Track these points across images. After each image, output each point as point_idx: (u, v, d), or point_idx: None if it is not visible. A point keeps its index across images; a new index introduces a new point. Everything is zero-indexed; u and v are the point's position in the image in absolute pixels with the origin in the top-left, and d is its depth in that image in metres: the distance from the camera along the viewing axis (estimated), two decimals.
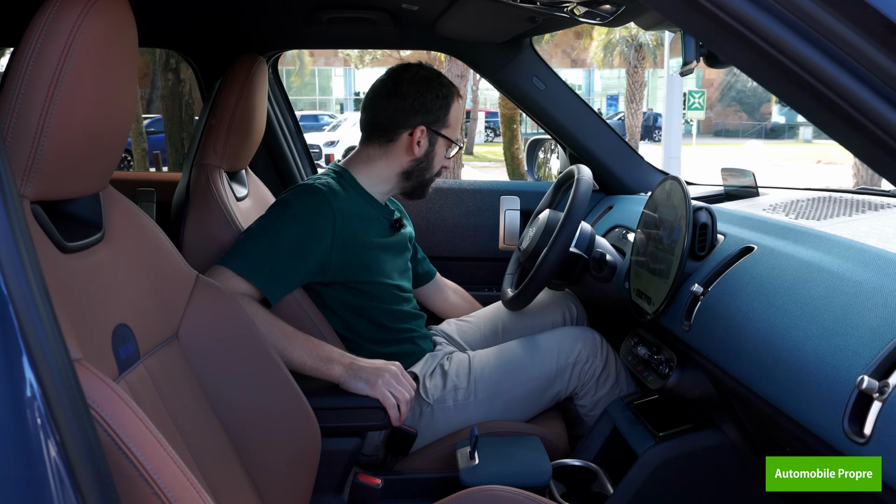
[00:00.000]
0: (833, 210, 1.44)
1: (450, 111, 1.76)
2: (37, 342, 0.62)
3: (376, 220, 1.73)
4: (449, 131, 1.76)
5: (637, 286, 1.58)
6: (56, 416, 0.62)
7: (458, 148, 1.82)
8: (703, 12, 0.73)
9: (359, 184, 1.73)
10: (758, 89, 28.71)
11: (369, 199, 1.74)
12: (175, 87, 8.04)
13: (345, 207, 1.62)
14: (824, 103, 0.71)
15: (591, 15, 1.44)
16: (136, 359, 1.03)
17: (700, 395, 1.40)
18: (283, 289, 1.56)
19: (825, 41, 0.69)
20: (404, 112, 1.72)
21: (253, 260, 1.52)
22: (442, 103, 1.74)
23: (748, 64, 0.79)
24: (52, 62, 0.86)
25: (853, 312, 0.95)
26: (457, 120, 1.79)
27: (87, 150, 0.94)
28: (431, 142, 1.74)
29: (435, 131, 1.74)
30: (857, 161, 13.77)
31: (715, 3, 0.73)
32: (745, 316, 1.16)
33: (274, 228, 1.57)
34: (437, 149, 1.76)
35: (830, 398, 0.90)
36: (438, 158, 1.77)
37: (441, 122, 1.75)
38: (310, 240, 1.56)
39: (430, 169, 1.77)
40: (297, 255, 1.56)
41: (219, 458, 1.17)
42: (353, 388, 1.46)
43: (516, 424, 1.70)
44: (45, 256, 0.88)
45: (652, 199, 1.59)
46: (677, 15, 0.82)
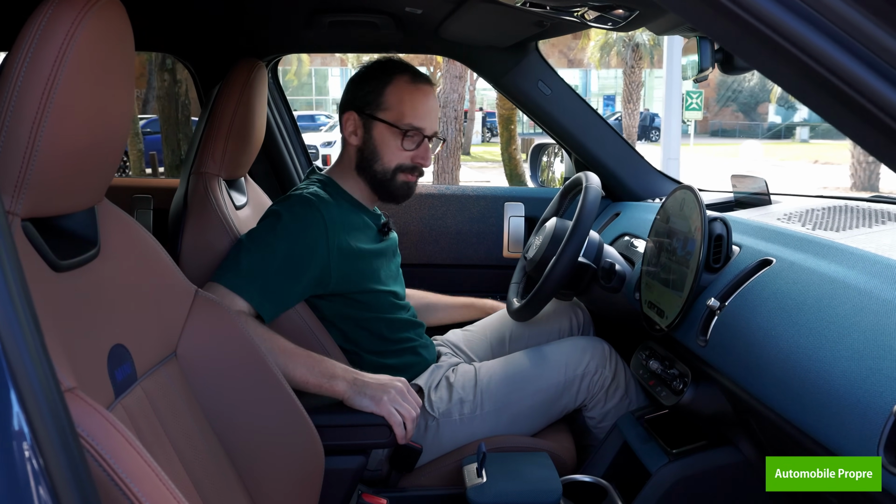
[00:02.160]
0: (851, 221, 1.40)
1: (384, 92, 1.62)
2: (23, 373, 0.58)
3: (365, 227, 1.68)
4: (389, 115, 1.62)
5: (648, 298, 1.54)
6: (44, 451, 0.58)
7: (425, 138, 1.65)
8: (726, 15, 0.70)
9: (344, 190, 1.68)
10: (754, 89, 28.79)
11: (356, 205, 1.68)
12: (171, 87, 8.02)
13: (335, 216, 1.57)
14: (846, 102, 0.69)
15: (603, 20, 1.40)
16: (133, 380, 0.99)
17: (715, 411, 1.36)
18: (278, 304, 1.50)
19: (855, 42, 0.67)
20: (342, 105, 1.67)
21: (245, 275, 1.47)
22: (374, 85, 1.63)
23: (772, 67, 0.75)
24: (44, 71, 0.81)
25: (884, 333, 0.91)
26: (402, 103, 1.62)
27: (81, 164, 0.89)
28: (367, 127, 1.63)
29: (369, 115, 1.63)
30: (853, 161, 13.82)
31: (739, 4, 0.69)
32: (766, 333, 1.12)
33: (266, 242, 1.51)
34: (379, 136, 1.63)
35: (864, 424, 0.85)
36: (388, 148, 1.63)
37: (374, 104, 1.62)
38: (304, 253, 1.51)
39: (377, 160, 1.64)
40: (291, 271, 1.50)
41: (219, 479, 1.13)
42: (357, 405, 1.41)
43: (524, 439, 1.66)
44: (38, 277, 0.84)
45: (664, 209, 1.55)
46: (698, 18, 0.78)
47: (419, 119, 1.63)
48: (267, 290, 1.48)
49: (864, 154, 12.53)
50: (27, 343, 0.59)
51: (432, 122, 1.66)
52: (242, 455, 1.19)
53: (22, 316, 0.59)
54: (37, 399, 0.58)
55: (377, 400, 1.40)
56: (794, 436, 1.01)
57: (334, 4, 2.01)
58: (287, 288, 1.50)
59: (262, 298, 1.47)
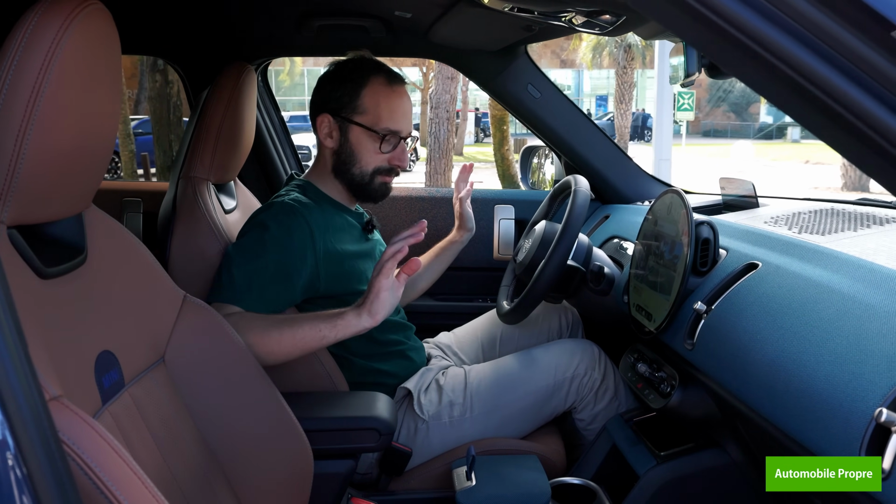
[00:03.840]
0: (837, 224, 1.41)
1: (360, 95, 1.60)
2: (6, 381, 0.58)
3: (349, 227, 1.67)
4: (366, 118, 1.60)
5: (636, 301, 1.55)
6: (28, 460, 0.58)
7: (401, 139, 1.63)
8: (703, 22, 0.71)
9: (323, 192, 1.67)
10: (746, 90, 28.84)
11: (338, 206, 1.68)
12: (163, 88, 7.98)
13: (318, 220, 1.56)
14: (826, 112, 0.70)
15: (590, 25, 1.41)
16: (121, 387, 0.99)
17: (702, 414, 1.37)
18: (272, 311, 1.49)
19: (828, 49, 0.68)
20: (314, 106, 1.65)
21: (241, 288, 1.46)
22: (349, 87, 1.61)
23: (749, 74, 0.76)
24: (30, 77, 0.81)
25: (866, 338, 0.92)
26: (378, 106, 1.61)
27: (68, 170, 0.89)
28: (343, 130, 1.62)
29: (344, 118, 1.62)
30: (844, 161, 13.89)
31: (716, 11, 0.70)
32: (752, 337, 1.12)
33: (255, 253, 1.50)
34: (356, 139, 1.61)
35: (846, 428, 0.86)
36: (366, 151, 1.62)
37: (349, 107, 1.61)
38: (293, 260, 1.50)
39: (355, 163, 1.62)
40: (283, 279, 1.50)
41: (207, 485, 1.13)
42: (378, 321, 1.35)
43: (513, 442, 1.66)
44: (23, 284, 0.84)
45: (651, 212, 1.56)
46: (677, 25, 0.79)
47: (396, 122, 1.62)
48: (264, 298, 1.47)
49: None
50: (10, 351, 0.59)
51: (408, 123, 1.65)
52: (231, 459, 1.19)
53: (4, 324, 0.59)
54: (20, 408, 0.58)
55: (379, 298, 1.35)
56: (778, 439, 1.02)
57: (324, 8, 2.01)
58: (282, 295, 1.50)
59: (262, 308, 1.46)
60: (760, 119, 30.65)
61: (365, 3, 1.96)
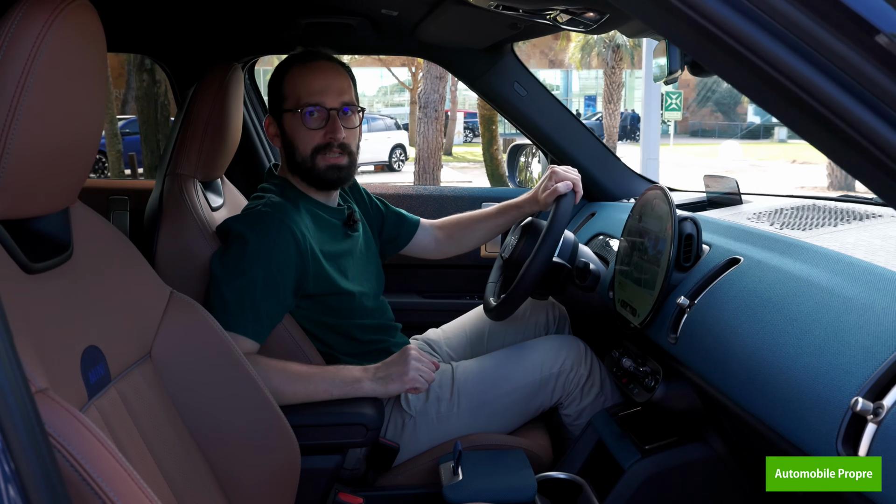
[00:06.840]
0: (818, 220, 1.43)
1: (283, 86, 1.63)
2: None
3: (329, 226, 1.67)
4: (289, 103, 1.62)
5: (621, 296, 1.56)
6: (14, 452, 0.58)
7: (329, 112, 1.59)
8: (685, 20, 0.72)
9: (300, 191, 1.67)
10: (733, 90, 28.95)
11: (316, 204, 1.67)
12: (150, 87, 7.93)
13: (298, 221, 1.55)
14: (806, 110, 0.71)
15: (575, 22, 1.42)
16: (107, 382, 0.99)
17: (686, 408, 1.38)
18: (270, 325, 1.51)
19: (808, 48, 0.69)
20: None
21: (233, 312, 1.46)
22: (276, 84, 1.65)
23: (730, 72, 0.77)
24: (15, 73, 0.81)
25: (844, 330, 0.94)
26: (296, 87, 1.61)
27: (53, 165, 0.89)
28: (280, 124, 1.65)
29: (277, 112, 1.65)
30: (830, 161, 13.96)
31: (697, 10, 0.71)
32: (733, 330, 1.14)
33: (240, 269, 1.49)
34: (289, 127, 1.62)
35: (823, 418, 0.88)
36: (298, 134, 1.61)
37: (278, 101, 1.64)
38: (280, 268, 1.50)
39: (296, 151, 1.62)
40: (273, 289, 1.50)
41: (195, 480, 1.14)
42: (392, 394, 1.53)
43: (500, 437, 1.67)
44: (9, 279, 0.84)
45: (636, 209, 1.58)
46: (660, 24, 0.80)
47: (315, 95, 1.60)
48: (258, 317, 1.48)
49: None
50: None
51: (332, 95, 1.61)
52: (218, 454, 1.19)
53: None
54: (6, 400, 0.59)
55: (402, 379, 1.51)
56: (759, 430, 1.04)
57: (310, 6, 2.01)
58: (274, 307, 1.51)
59: (257, 326, 1.47)
60: (748, 119, 30.82)
61: (351, 1, 1.97)
